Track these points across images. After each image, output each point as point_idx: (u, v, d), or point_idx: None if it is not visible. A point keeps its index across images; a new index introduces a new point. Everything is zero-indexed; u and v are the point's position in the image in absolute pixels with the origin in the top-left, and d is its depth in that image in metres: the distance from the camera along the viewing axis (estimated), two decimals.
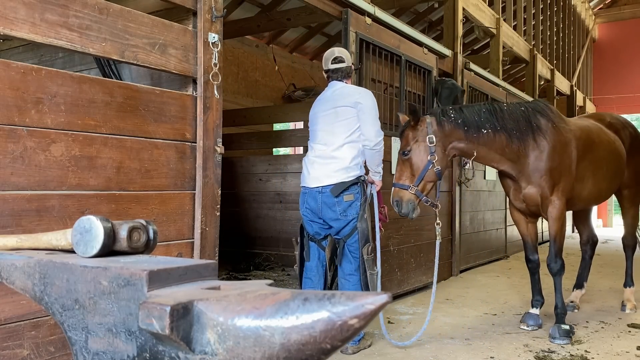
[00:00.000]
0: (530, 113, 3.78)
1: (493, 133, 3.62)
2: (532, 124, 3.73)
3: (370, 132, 3.35)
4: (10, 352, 2.01)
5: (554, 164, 3.74)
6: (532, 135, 3.70)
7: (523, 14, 10.68)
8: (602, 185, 4.15)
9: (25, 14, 2.05)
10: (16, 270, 1.22)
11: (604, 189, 4.20)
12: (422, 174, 3.48)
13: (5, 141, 2.00)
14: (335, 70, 3.56)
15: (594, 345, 3.71)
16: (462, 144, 3.62)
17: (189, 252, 2.71)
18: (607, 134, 4.30)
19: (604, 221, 16.25)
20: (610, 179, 4.23)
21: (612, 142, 4.30)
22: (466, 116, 3.61)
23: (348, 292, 0.82)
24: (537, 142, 3.71)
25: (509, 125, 3.66)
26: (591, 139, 4.07)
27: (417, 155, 3.49)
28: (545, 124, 3.77)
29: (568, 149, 3.83)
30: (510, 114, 3.72)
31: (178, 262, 1.08)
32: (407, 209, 3.51)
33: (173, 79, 2.80)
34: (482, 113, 3.65)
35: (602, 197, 4.33)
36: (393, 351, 3.54)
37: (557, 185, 3.77)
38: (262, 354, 0.84)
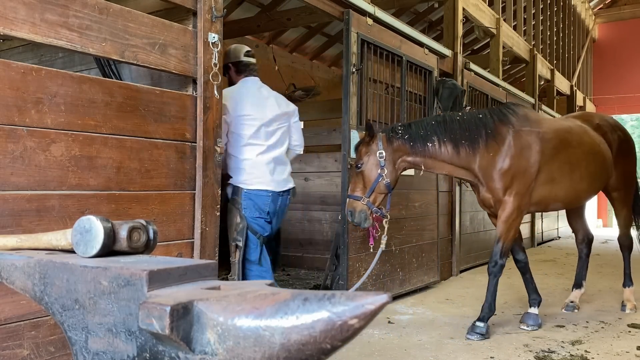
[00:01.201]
0: (487, 119, 3.87)
1: (439, 144, 3.76)
2: (486, 130, 3.82)
3: (302, 139, 3.80)
4: (10, 352, 2.01)
5: (505, 167, 3.80)
6: (485, 141, 3.78)
7: (523, 14, 10.68)
8: (580, 185, 4.12)
9: (25, 14, 2.05)
10: (16, 270, 1.22)
11: (583, 189, 4.16)
12: (373, 186, 3.68)
13: (5, 141, 2.00)
14: (251, 64, 3.81)
15: (594, 345, 3.71)
16: (410, 157, 3.80)
17: (189, 252, 2.71)
18: (590, 135, 4.30)
19: (604, 221, 16.25)
20: (591, 180, 4.20)
21: (595, 143, 4.29)
22: (412, 131, 3.78)
23: (348, 292, 0.82)
24: (488, 147, 3.79)
25: (457, 135, 3.77)
26: (566, 140, 4.07)
27: (368, 168, 3.70)
28: (502, 129, 3.85)
29: (526, 151, 3.84)
30: (462, 123, 3.83)
31: (178, 262, 1.08)
32: (360, 219, 3.72)
33: (173, 79, 2.80)
34: (429, 127, 3.79)
35: (582, 197, 4.31)
36: (393, 351, 3.54)
37: (509, 188, 3.81)
38: (262, 354, 0.84)
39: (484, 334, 3.84)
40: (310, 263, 6.53)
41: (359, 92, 4.64)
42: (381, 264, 4.94)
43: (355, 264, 4.60)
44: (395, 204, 5.16)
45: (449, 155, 3.78)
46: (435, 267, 5.87)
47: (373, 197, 3.70)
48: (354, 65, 4.53)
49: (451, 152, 3.77)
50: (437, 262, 5.92)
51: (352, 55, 4.51)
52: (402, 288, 5.22)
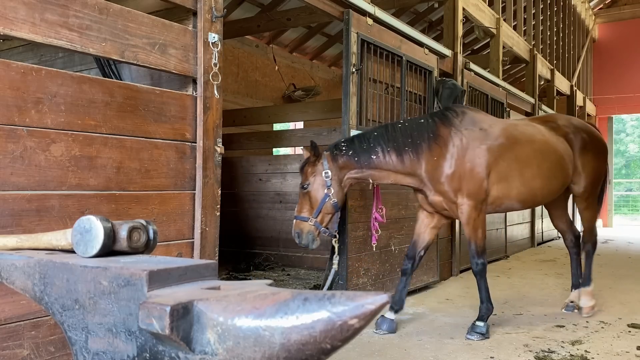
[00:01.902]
0: (429, 123, 3.87)
1: (383, 155, 3.75)
2: (428, 134, 3.81)
3: None
4: (10, 352, 2.01)
5: (451, 170, 3.79)
6: (428, 145, 3.78)
7: (523, 14, 10.68)
8: (533, 184, 4.07)
9: (25, 14, 2.05)
10: (16, 270, 1.22)
11: (536, 187, 4.10)
12: (319, 207, 3.69)
13: (5, 141, 2.00)
14: None
15: (594, 345, 3.71)
16: (357, 173, 3.80)
17: (189, 252, 2.71)
18: (543, 134, 4.25)
19: (604, 221, 16.25)
20: (545, 178, 4.14)
21: (548, 142, 4.23)
22: (356, 146, 3.77)
23: (348, 292, 0.82)
24: (432, 152, 3.78)
25: (399, 143, 3.77)
26: (513, 138, 4.03)
27: (314, 189, 3.70)
28: (444, 131, 3.84)
29: (472, 151, 3.82)
30: (404, 130, 3.82)
31: (178, 262, 1.08)
32: (307, 240, 3.74)
33: (173, 79, 2.80)
34: (372, 138, 3.78)
35: (538, 195, 4.21)
36: (393, 351, 3.54)
37: (460, 190, 3.81)
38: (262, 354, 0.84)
39: (484, 333, 3.84)
40: (310, 263, 6.53)
41: (359, 92, 4.64)
42: (381, 264, 4.94)
43: (355, 264, 4.60)
44: (395, 204, 5.17)
45: (394, 164, 3.78)
46: (435, 267, 5.87)
47: (320, 217, 3.71)
48: (354, 65, 4.53)
49: (396, 161, 3.77)
50: (436, 262, 5.92)
51: (352, 55, 4.51)
52: None
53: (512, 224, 8.70)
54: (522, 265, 7.68)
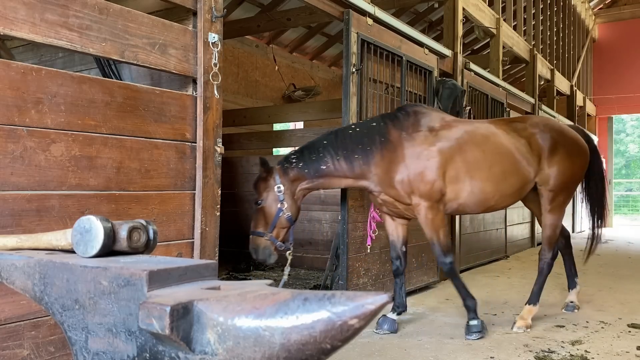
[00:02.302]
0: (380, 127, 3.85)
1: (332, 163, 3.76)
2: (379, 138, 3.80)
3: None
4: (10, 352, 2.01)
5: (401, 173, 3.77)
6: (379, 149, 3.77)
7: (523, 14, 10.68)
8: (484, 187, 3.93)
9: (25, 14, 2.05)
10: (16, 270, 1.22)
11: (488, 191, 3.94)
12: (274, 222, 3.69)
13: (5, 141, 2.00)
14: None
15: (594, 345, 3.71)
16: (308, 184, 3.81)
17: (189, 252, 2.71)
18: (499, 137, 4.09)
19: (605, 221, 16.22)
20: (497, 182, 3.97)
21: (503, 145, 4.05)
22: (305, 157, 3.78)
23: (348, 292, 0.82)
24: (383, 155, 3.77)
25: (349, 150, 3.77)
26: (466, 141, 3.94)
27: (268, 204, 3.71)
28: (394, 134, 3.82)
29: (423, 154, 3.79)
30: (354, 136, 3.82)
31: (178, 262, 1.08)
32: (264, 256, 3.72)
33: (173, 79, 2.80)
34: (322, 147, 3.78)
35: (491, 199, 4.01)
36: (393, 351, 3.54)
37: (413, 192, 3.79)
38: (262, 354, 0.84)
39: (480, 330, 3.83)
40: (310, 263, 6.53)
41: (359, 92, 4.64)
42: (381, 264, 4.94)
43: (355, 264, 4.60)
44: None
45: (344, 171, 3.78)
46: (435, 267, 5.87)
47: (276, 232, 3.71)
48: (354, 65, 4.53)
49: (346, 168, 3.77)
50: (437, 262, 5.91)
51: (352, 55, 4.51)
52: None
53: (512, 224, 8.70)
54: (522, 265, 7.68)
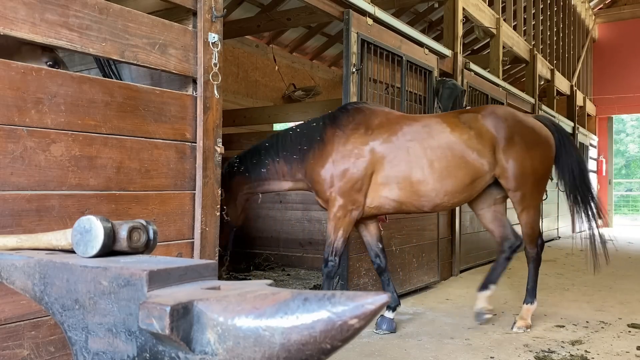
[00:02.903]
0: (319, 126, 3.84)
1: (273, 167, 3.78)
2: (316, 138, 3.79)
3: None
4: (10, 352, 2.01)
5: (326, 168, 3.74)
6: (314, 149, 3.76)
7: (523, 14, 10.68)
8: (424, 186, 3.79)
9: (25, 14, 2.05)
10: (16, 270, 1.22)
11: (429, 189, 3.79)
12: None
13: (5, 141, 2.00)
14: None
15: (594, 345, 3.71)
16: (250, 189, 3.84)
17: (189, 252, 2.71)
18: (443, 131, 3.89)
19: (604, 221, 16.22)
20: (441, 178, 3.80)
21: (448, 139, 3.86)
22: (247, 162, 3.79)
23: (348, 292, 0.82)
24: (315, 154, 3.76)
25: (288, 153, 3.77)
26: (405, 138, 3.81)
27: None
28: (329, 134, 3.79)
29: (353, 152, 3.74)
30: (294, 138, 3.82)
31: (178, 262, 1.08)
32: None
33: (173, 79, 2.80)
34: (263, 151, 3.78)
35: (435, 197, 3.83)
36: (393, 351, 3.54)
37: (332, 187, 3.74)
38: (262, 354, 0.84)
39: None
40: (310, 263, 6.53)
41: (359, 92, 4.64)
42: None
43: (355, 264, 4.60)
44: None
45: (283, 174, 3.79)
46: (435, 267, 5.87)
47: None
48: (354, 65, 4.53)
49: (286, 170, 3.78)
50: (437, 262, 5.92)
51: (352, 55, 4.51)
52: (402, 288, 5.21)
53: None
54: (522, 265, 7.66)
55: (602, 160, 16.26)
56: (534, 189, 4.10)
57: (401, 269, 5.21)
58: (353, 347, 3.56)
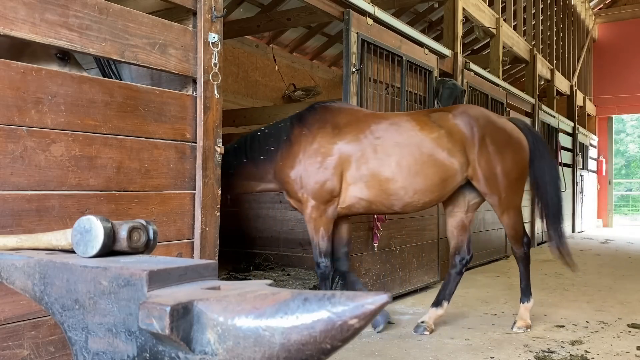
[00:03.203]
0: (287, 127, 3.83)
1: (241, 168, 3.77)
2: (284, 138, 3.78)
3: None
4: (10, 352, 2.01)
5: (293, 169, 3.73)
6: (282, 149, 3.75)
7: (523, 14, 10.68)
8: (396, 182, 3.72)
9: (25, 14, 2.05)
10: (16, 270, 1.22)
11: (401, 186, 3.72)
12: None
13: (5, 141, 2.00)
14: None
15: (594, 345, 3.71)
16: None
17: (189, 252, 2.71)
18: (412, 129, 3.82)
19: (604, 221, 16.25)
20: (409, 177, 3.73)
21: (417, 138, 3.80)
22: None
23: (348, 292, 0.82)
24: (282, 155, 3.75)
25: (256, 154, 3.77)
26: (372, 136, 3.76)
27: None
28: (296, 133, 3.77)
29: (319, 151, 3.71)
30: (263, 139, 3.81)
31: (178, 262, 1.08)
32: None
33: (173, 79, 2.80)
34: (231, 151, 3.74)
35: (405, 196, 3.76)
36: (393, 351, 3.54)
37: (302, 187, 3.73)
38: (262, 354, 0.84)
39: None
40: (310, 263, 6.53)
41: (359, 92, 4.64)
42: (381, 264, 4.94)
43: (355, 264, 4.60)
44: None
45: (252, 174, 3.78)
46: (435, 267, 5.87)
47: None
48: (354, 65, 4.53)
49: (254, 170, 3.77)
50: (437, 262, 5.92)
51: (352, 55, 4.51)
52: (402, 288, 5.22)
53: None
54: None
55: (602, 160, 16.27)
56: (509, 190, 4.00)
57: (401, 269, 5.21)
58: (353, 347, 3.56)
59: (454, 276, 4.18)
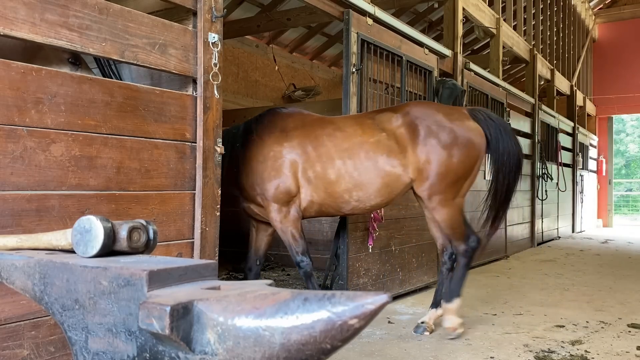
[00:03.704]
0: (239, 134, 3.87)
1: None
2: (235, 144, 3.81)
3: None
4: (10, 352, 2.01)
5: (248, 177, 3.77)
6: (231, 156, 3.77)
7: (523, 14, 10.68)
8: (341, 184, 3.73)
9: (25, 14, 2.05)
10: (16, 270, 1.22)
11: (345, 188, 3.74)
12: None
13: (5, 141, 2.00)
14: None
15: (594, 345, 3.71)
16: None
17: (189, 252, 2.71)
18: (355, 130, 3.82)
19: (604, 221, 16.25)
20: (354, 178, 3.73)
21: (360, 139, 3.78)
22: None
23: (348, 292, 0.82)
24: (232, 161, 3.78)
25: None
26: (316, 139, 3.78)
27: None
28: (247, 139, 3.82)
29: (270, 155, 3.74)
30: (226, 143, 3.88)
31: (178, 262, 1.08)
32: None
33: (173, 79, 2.80)
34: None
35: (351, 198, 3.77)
36: (393, 351, 3.54)
37: (261, 194, 3.77)
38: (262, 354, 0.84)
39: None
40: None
41: (359, 92, 4.64)
42: (381, 264, 4.95)
43: (355, 264, 4.60)
44: (395, 204, 5.17)
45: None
46: (435, 267, 5.87)
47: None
48: (354, 65, 4.53)
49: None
50: (437, 262, 5.91)
51: (352, 55, 4.51)
52: (402, 288, 5.22)
53: (512, 224, 8.70)
54: (522, 265, 7.68)
55: (602, 160, 16.27)
56: (446, 188, 3.84)
57: (401, 269, 5.21)
58: (353, 347, 3.56)
59: (446, 274, 4.08)
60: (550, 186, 10.69)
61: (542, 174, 10.10)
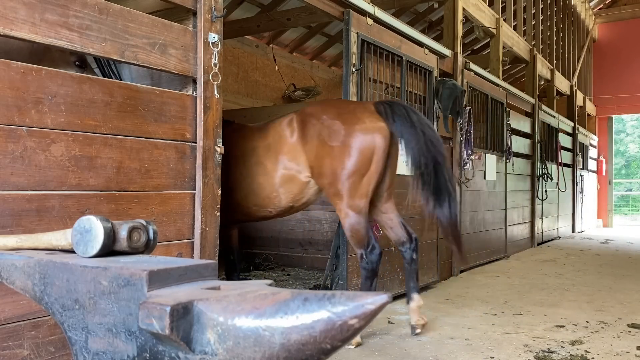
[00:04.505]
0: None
1: None
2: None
3: None
4: (10, 352, 2.01)
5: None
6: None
7: (523, 14, 10.67)
8: (235, 197, 3.80)
9: (25, 14, 2.05)
10: (16, 270, 1.22)
11: (242, 196, 3.81)
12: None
13: (5, 141, 2.00)
14: None
15: (594, 345, 3.71)
16: None
17: (189, 252, 2.71)
18: (250, 140, 3.85)
19: (604, 221, 16.25)
20: (246, 189, 3.81)
21: (251, 145, 3.81)
22: None
23: (348, 292, 0.82)
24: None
25: None
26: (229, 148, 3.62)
27: None
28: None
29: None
30: None
31: (178, 262, 1.08)
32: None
33: (173, 79, 2.80)
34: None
35: (246, 206, 3.86)
36: (393, 351, 3.54)
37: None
38: (262, 354, 0.84)
39: None
40: (310, 263, 6.53)
41: (359, 92, 4.64)
42: (381, 264, 4.94)
43: (355, 264, 4.60)
44: (395, 204, 5.17)
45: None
46: (435, 267, 5.87)
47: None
48: (354, 65, 4.53)
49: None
50: (436, 262, 5.92)
51: (352, 55, 4.51)
52: (402, 288, 5.21)
53: (512, 224, 8.70)
54: (522, 265, 7.68)
55: (602, 160, 16.27)
56: (334, 185, 3.63)
57: (401, 269, 5.20)
58: (353, 347, 3.56)
59: (409, 268, 4.00)
60: (550, 186, 10.69)
61: (542, 174, 10.10)
